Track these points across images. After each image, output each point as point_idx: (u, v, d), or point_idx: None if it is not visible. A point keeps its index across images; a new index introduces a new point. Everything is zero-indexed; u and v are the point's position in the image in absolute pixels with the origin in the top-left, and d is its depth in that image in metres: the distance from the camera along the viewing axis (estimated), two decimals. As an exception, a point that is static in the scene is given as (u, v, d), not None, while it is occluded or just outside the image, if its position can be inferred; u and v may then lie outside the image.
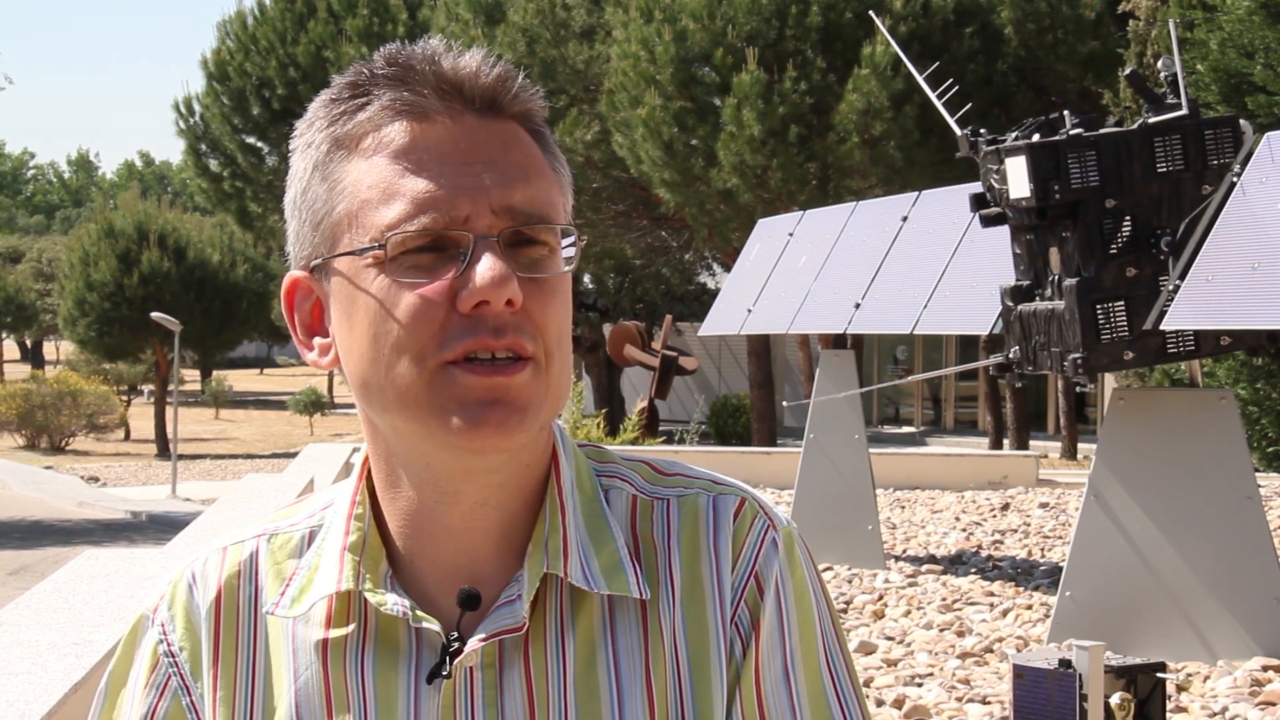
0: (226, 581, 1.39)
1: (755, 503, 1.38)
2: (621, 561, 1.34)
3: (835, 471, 10.40)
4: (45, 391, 39.87)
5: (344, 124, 1.31)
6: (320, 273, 1.32)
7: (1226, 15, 11.81)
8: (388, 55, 1.31)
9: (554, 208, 1.31)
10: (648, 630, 1.33)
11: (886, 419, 35.42)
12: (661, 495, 1.39)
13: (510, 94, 1.31)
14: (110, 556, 6.86)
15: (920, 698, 6.84)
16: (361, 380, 1.30)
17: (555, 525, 1.34)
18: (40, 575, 12.80)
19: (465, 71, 1.30)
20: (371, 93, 1.30)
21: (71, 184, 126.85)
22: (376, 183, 1.28)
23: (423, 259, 1.26)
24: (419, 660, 1.32)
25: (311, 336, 1.36)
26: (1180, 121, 7.27)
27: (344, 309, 1.30)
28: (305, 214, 1.33)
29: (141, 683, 1.40)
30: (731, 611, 1.34)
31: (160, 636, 1.40)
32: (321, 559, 1.36)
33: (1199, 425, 7.29)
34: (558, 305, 1.30)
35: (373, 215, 1.28)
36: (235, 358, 68.09)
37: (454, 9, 25.86)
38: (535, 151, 1.32)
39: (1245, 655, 7.05)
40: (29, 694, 4.38)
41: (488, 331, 1.25)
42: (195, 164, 33.38)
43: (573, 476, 1.37)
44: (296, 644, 1.35)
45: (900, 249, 9.90)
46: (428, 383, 1.26)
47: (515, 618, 1.31)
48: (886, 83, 21.13)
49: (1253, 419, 12.48)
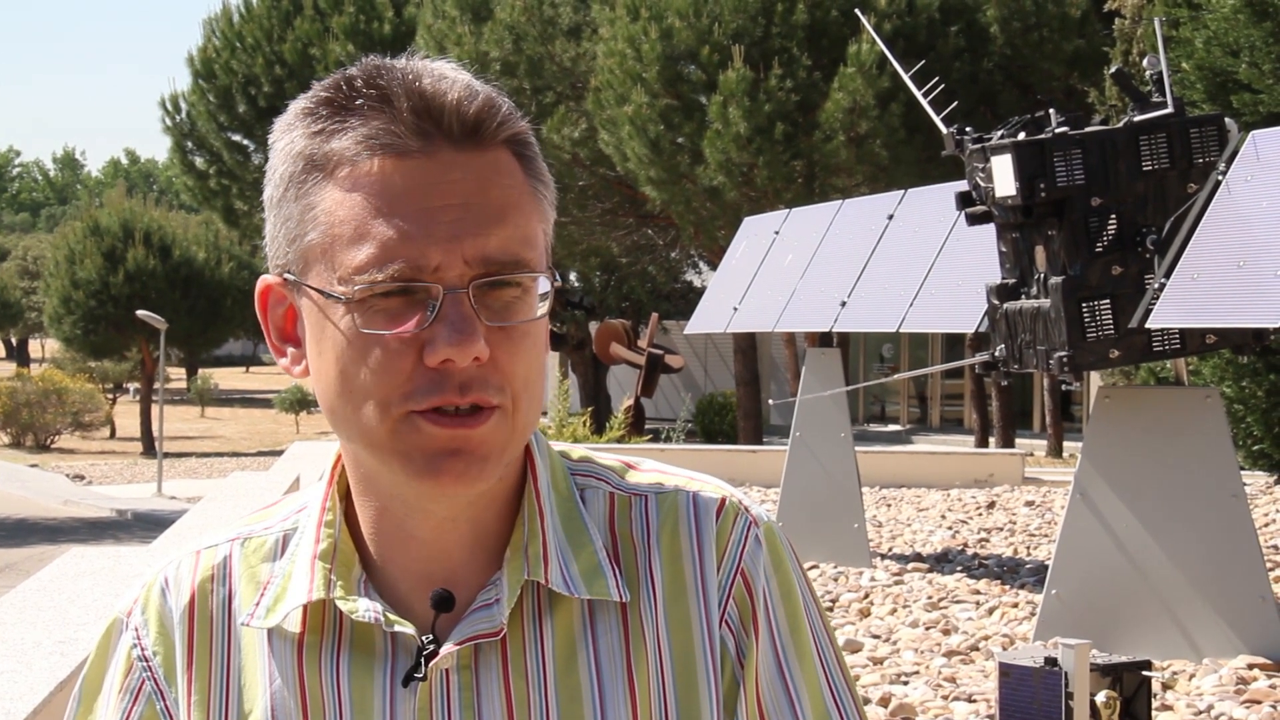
0: (200, 586, 1.38)
1: (736, 501, 1.38)
2: (601, 565, 1.34)
3: (821, 470, 10.41)
4: (30, 389, 39.76)
5: (320, 143, 1.28)
6: (293, 287, 1.31)
7: (1212, 13, 11.82)
8: (367, 74, 1.28)
9: (532, 245, 1.28)
10: (628, 630, 1.33)
11: (872, 417, 35.44)
12: (640, 491, 1.38)
13: (494, 122, 1.28)
14: (95, 555, 6.85)
15: (906, 696, 6.84)
16: (329, 407, 1.30)
17: (534, 531, 1.33)
18: (25, 574, 12.76)
19: (446, 102, 1.26)
20: (349, 118, 1.27)
21: (57, 181, 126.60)
22: (348, 219, 1.25)
23: (390, 303, 1.25)
24: (394, 663, 1.31)
25: (285, 343, 1.35)
26: (1166, 120, 7.28)
27: (314, 334, 1.30)
28: (280, 223, 1.31)
29: (116, 688, 1.39)
30: (720, 610, 1.34)
31: (134, 641, 1.39)
32: (294, 567, 1.36)
33: (1184, 423, 7.30)
34: (526, 349, 1.28)
35: (343, 254, 1.25)
36: (221, 355, 67.99)
37: (440, 6, 25.81)
38: (518, 180, 1.29)
39: (1231, 653, 7.06)
40: (14, 692, 4.37)
41: (453, 389, 1.24)
42: (181, 161, 33.34)
43: (549, 479, 1.37)
44: (272, 648, 1.34)
45: (886, 247, 9.91)
46: (391, 429, 1.25)
47: (492, 622, 1.30)
48: (872, 81, 21.15)
49: (1238, 417, 12.49)
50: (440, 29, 25.35)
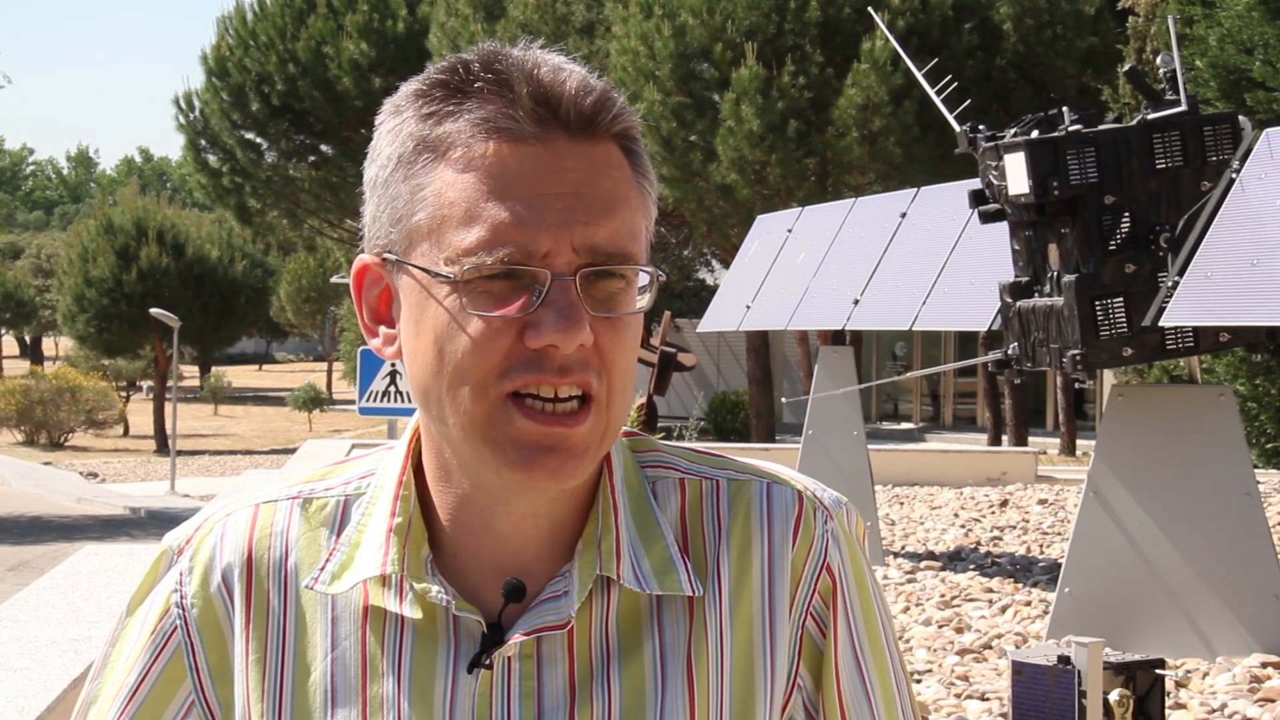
0: (257, 542, 1.38)
1: (812, 495, 1.38)
2: (672, 559, 1.34)
3: (834, 468, 10.40)
4: (44, 387, 39.84)
5: (434, 125, 1.28)
6: (393, 266, 1.31)
7: (1225, 11, 11.81)
8: (484, 59, 1.28)
9: (636, 239, 1.30)
10: (693, 624, 1.33)
11: (885, 415, 35.41)
12: (710, 475, 1.39)
13: (609, 116, 1.28)
14: (109, 552, 6.87)
15: (919, 694, 6.84)
16: (423, 389, 1.29)
17: (608, 526, 1.33)
18: (39, 571, 12.80)
19: (564, 91, 1.27)
20: (465, 101, 1.27)
21: (70, 180, 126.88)
22: (459, 200, 1.26)
23: (496, 286, 1.25)
24: (457, 647, 1.32)
25: (378, 324, 1.35)
26: (1179, 118, 7.27)
27: (413, 314, 1.29)
28: (385, 204, 1.31)
29: (149, 628, 1.39)
30: (805, 604, 1.35)
31: (175, 586, 1.39)
32: (364, 536, 1.35)
33: (1198, 422, 7.29)
34: (628, 341, 1.30)
35: (452, 235, 1.26)
36: (234, 354, 68.07)
37: (454, 4, 25.84)
38: (626, 174, 1.30)
39: (1244, 652, 7.05)
40: (28, 689, 4.39)
41: (553, 370, 1.25)
42: (195, 159, 33.38)
43: (623, 474, 1.37)
44: (336, 613, 1.34)
45: (899, 245, 9.90)
46: (486, 414, 1.26)
47: (560, 614, 1.31)
48: (885, 78, 21.13)
49: (1252, 415, 12.48)
50: (454, 27, 25.37)
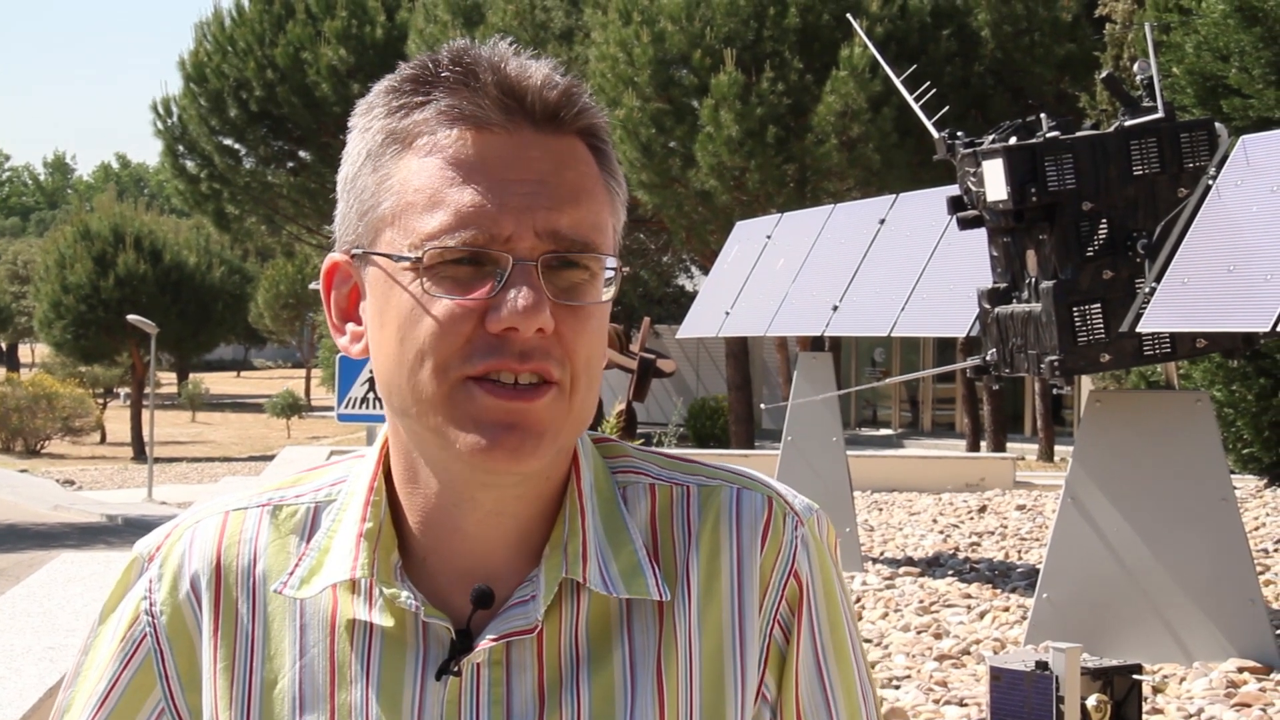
0: (225, 549, 1.38)
1: (781, 500, 1.38)
2: (640, 564, 1.34)
3: (813, 473, 10.41)
4: (20, 394, 39.68)
5: (401, 118, 1.29)
6: (360, 261, 1.32)
7: (1202, 18, 11.85)
8: (453, 54, 1.30)
9: (601, 231, 1.30)
10: (663, 630, 1.33)
11: (864, 421, 35.46)
12: (680, 481, 1.39)
13: (574, 109, 1.30)
14: (86, 560, 6.85)
15: (898, 700, 6.84)
16: (386, 379, 1.30)
17: (575, 529, 1.33)
18: (15, 579, 12.76)
19: (530, 82, 1.28)
20: (433, 91, 1.29)
21: (47, 186, 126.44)
22: (424, 186, 1.27)
23: (459, 271, 1.26)
24: (426, 653, 1.31)
25: (345, 321, 1.36)
26: (1156, 124, 7.30)
27: (378, 305, 1.30)
28: (353, 200, 1.32)
29: (119, 635, 1.39)
30: (773, 610, 1.35)
31: (145, 593, 1.39)
32: (334, 542, 1.35)
33: (1175, 427, 7.31)
34: (590, 331, 1.29)
35: (415, 220, 1.27)
36: (212, 360, 67.91)
37: (433, 10, 25.83)
38: (592, 169, 1.31)
39: (1221, 657, 7.07)
40: (4, 697, 4.37)
41: (513, 355, 1.25)
42: (172, 165, 33.31)
43: (592, 479, 1.37)
44: (304, 620, 1.34)
45: (878, 251, 9.91)
46: (447, 394, 1.26)
47: (528, 619, 1.30)
48: (864, 84, 21.17)
49: (1228, 421, 12.52)
50: (432, 33, 25.36)
